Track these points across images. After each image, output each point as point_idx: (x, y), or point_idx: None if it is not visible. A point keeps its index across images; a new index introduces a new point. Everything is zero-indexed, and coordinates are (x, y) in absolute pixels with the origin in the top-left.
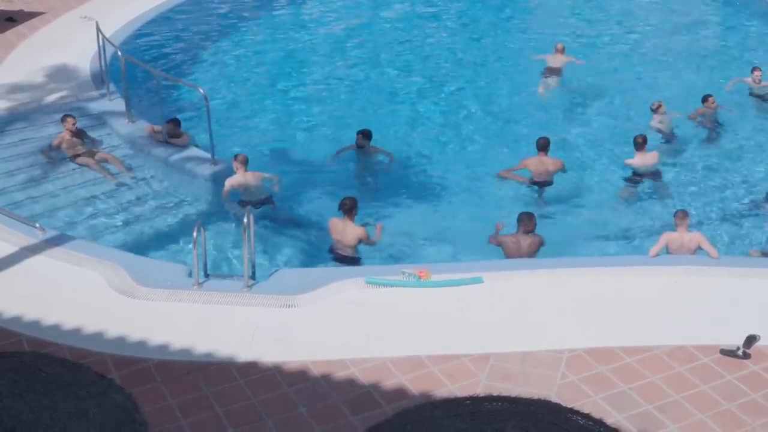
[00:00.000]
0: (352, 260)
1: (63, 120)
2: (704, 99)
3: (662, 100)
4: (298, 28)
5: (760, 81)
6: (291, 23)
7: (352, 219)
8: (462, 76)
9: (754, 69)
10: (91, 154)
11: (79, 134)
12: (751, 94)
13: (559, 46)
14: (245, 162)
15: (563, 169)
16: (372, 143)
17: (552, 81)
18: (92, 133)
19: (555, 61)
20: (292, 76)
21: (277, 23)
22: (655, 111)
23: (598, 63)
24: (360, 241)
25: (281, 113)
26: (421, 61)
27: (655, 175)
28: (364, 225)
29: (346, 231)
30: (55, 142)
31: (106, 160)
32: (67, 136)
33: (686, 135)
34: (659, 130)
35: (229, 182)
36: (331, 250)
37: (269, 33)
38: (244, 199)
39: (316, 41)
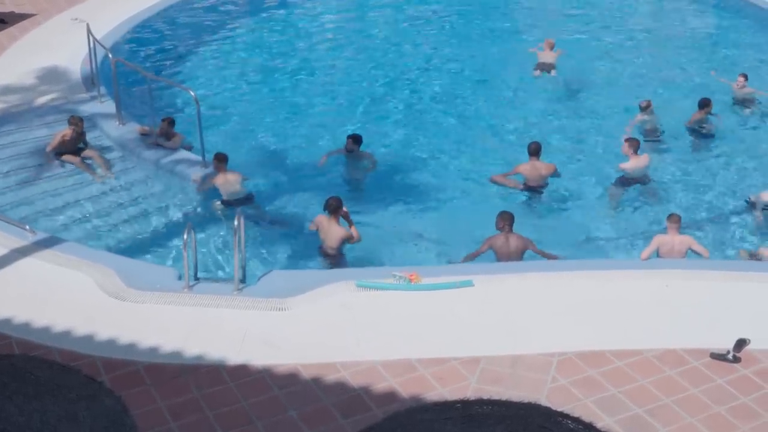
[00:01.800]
0: (338, 259)
1: (71, 121)
2: (704, 104)
3: (651, 99)
4: (290, 31)
5: (742, 87)
6: (283, 25)
7: (337, 219)
8: (457, 79)
9: (740, 75)
10: (78, 152)
11: (80, 137)
12: (733, 98)
13: (550, 41)
14: (224, 161)
15: (556, 173)
16: (364, 146)
17: (549, 74)
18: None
19: (546, 56)
20: (284, 79)
21: (269, 25)
22: (643, 109)
23: (592, 59)
24: (344, 241)
25: (272, 116)
26: (413, 63)
27: (645, 177)
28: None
29: (330, 231)
30: (57, 140)
31: (90, 158)
32: (68, 137)
33: (673, 136)
34: (645, 129)
35: (210, 180)
36: (320, 249)
37: (261, 35)
38: (226, 198)
39: (308, 43)
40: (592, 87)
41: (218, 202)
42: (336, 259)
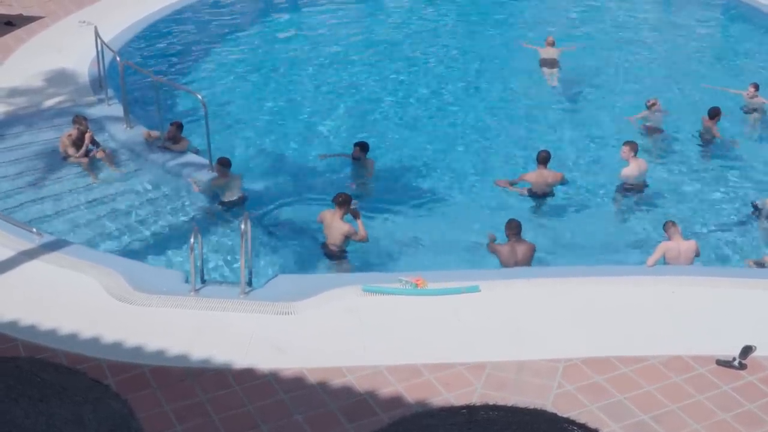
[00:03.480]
0: (341, 256)
1: (75, 120)
2: (714, 114)
3: (657, 99)
4: (297, 34)
5: (753, 96)
6: (290, 29)
7: (341, 214)
8: (460, 83)
9: (750, 85)
10: (86, 153)
11: (84, 135)
12: (744, 107)
13: (550, 39)
14: (228, 165)
15: (563, 181)
16: (371, 150)
17: (553, 72)
18: None
19: (548, 53)
20: (291, 83)
21: (275, 29)
22: (648, 108)
23: (595, 58)
24: (346, 237)
25: (279, 119)
26: (418, 68)
27: (644, 182)
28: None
29: (333, 226)
30: (67, 143)
31: (99, 159)
32: (74, 136)
33: (680, 141)
34: (646, 126)
35: (213, 184)
36: (322, 246)
37: (268, 39)
38: (224, 199)
39: (315, 47)
40: (596, 87)
41: (217, 205)
42: (338, 257)
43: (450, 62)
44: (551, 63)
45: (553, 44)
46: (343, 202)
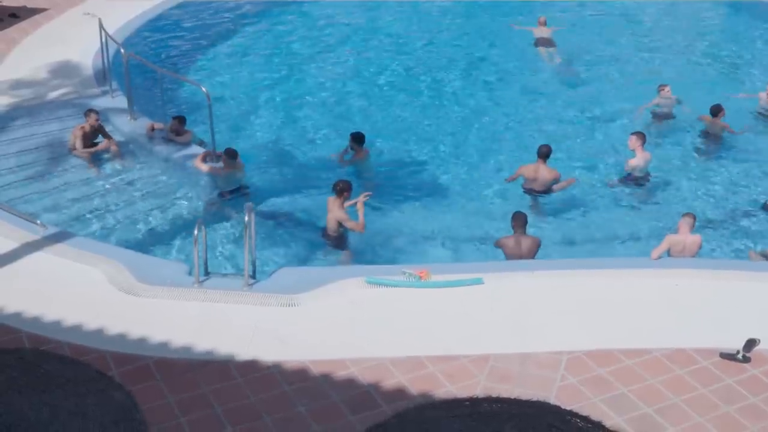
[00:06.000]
0: (336, 240)
1: (87, 114)
2: (716, 112)
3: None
4: (302, 28)
5: None
6: (294, 22)
7: (341, 201)
8: (460, 77)
9: None
10: (92, 146)
11: (96, 131)
12: (759, 110)
13: (541, 18)
14: (234, 157)
15: (556, 182)
16: (372, 141)
17: (550, 50)
18: None
19: (542, 32)
20: (295, 75)
21: (280, 22)
22: (659, 93)
23: (590, 36)
24: (339, 224)
25: (283, 112)
26: (420, 60)
27: (648, 174)
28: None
29: (330, 212)
30: (77, 134)
31: (111, 152)
32: (86, 130)
33: (687, 135)
34: (657, 114)
35: (215, 172)
36: (323, 231)
37: (273, 32)
38: (227, 189)
39: (319, 41)
40: (595, 66)
41: (220, 196)
42: (335, 242)
43: (449, 53)
44: (546, 42)
45: (545, 23)
46: (341, 189)
